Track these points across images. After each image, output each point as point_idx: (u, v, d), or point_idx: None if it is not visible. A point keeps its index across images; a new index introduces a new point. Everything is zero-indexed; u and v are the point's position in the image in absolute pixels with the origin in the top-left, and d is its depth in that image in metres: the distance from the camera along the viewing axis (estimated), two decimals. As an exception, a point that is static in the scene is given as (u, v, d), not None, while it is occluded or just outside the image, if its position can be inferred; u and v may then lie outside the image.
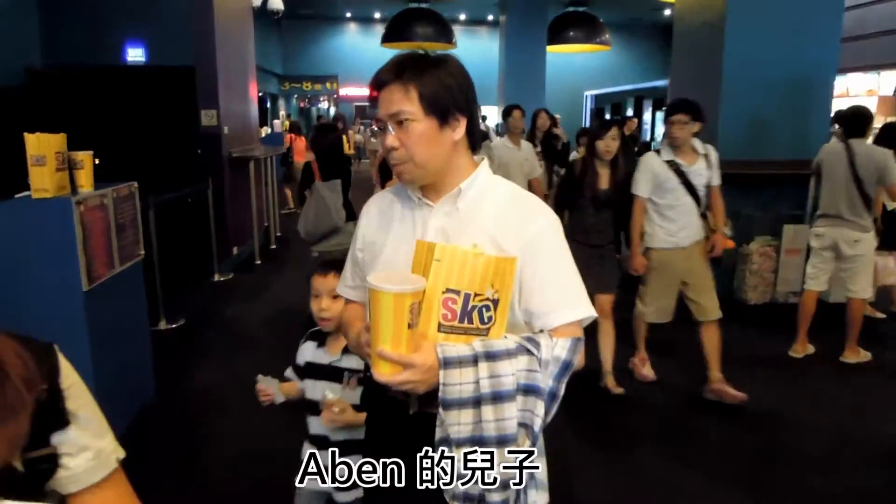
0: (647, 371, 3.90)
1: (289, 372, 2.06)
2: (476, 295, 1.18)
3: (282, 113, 19.31)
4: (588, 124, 15.26)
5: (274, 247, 7.77)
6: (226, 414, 3.43)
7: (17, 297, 2.67)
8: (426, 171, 1.30)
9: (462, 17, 19.10)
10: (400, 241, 1.36)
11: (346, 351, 1.88)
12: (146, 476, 2.86)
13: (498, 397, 1.18)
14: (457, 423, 1.18)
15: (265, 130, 13.89)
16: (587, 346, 1.35)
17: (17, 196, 2.77)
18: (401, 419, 1.30)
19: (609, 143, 3.53)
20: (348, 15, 19.03)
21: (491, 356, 1.18)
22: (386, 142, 1.30)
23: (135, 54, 6.14)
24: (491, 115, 15.95)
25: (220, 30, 6.22)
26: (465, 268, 1.17)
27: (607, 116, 18.98)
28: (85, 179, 2.80)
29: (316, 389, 1.92)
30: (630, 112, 18.14)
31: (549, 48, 13.88)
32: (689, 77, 5.87)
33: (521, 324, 1.31)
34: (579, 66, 19.58)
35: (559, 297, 1.31)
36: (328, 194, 4.03)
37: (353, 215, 4.05)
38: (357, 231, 1.49)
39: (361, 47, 19.60)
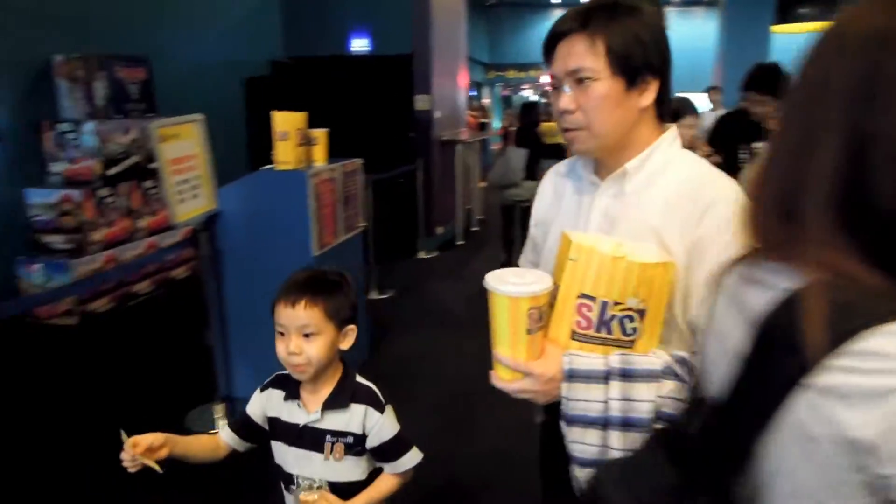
0: None
1: (225, 432, 1.46)
2: (616, 304, 1.01)
3: (485, 101, 19.76)
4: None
5: (475, 229, 7.99)
6: (426, 379, 3.64)
7: (257, 257, 3.02)
8: (603, 142, 1.11)
9: (676, -3, 18.03)
10: (565, 224, 1.19)
11: (327, 406, 1.36)
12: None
13: (628, 424, 0.99)
14: (580, 441, 1.01)
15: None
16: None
17: (261, 169, 3.13)
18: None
19: None
20: (555, 1, 18.88)
21: (627, 375, 1.00)
22: (560, 103, 1.11)
23: (360, 44, 6.65)
24: (700, 102, 14.91)
25: (436, 19, 6.49)
26: (603, 272, 0.99)
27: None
28: (319, 154, 3.09)
29: (287, 458, 1.41)
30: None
31: (775, 28, 12.59)
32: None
33: (687, 336, 1.09)
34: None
35: None
36: (514, 157, 5.18)
37: (533, 177, 4.91)
38: (533, 205, 1.36)
39: (567, 33, 19.31)
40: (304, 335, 1.30)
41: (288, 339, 1.30)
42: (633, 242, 1.04)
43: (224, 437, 1.44)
